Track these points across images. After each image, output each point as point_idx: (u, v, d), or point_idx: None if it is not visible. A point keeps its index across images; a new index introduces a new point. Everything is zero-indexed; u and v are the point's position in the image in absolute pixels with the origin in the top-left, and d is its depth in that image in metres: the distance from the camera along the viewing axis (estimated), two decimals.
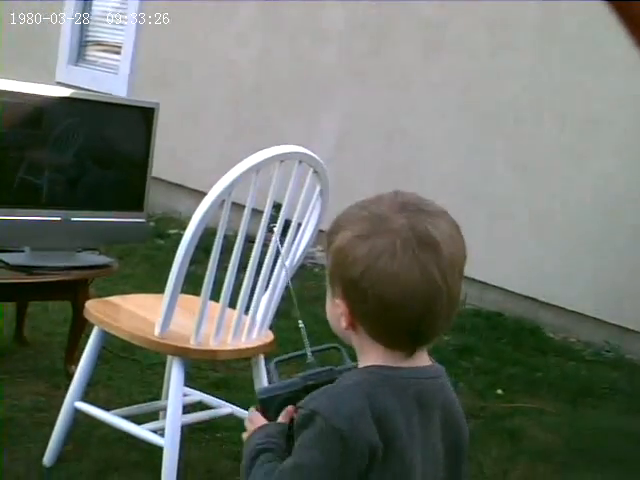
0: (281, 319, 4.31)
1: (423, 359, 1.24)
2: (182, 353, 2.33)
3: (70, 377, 3.26)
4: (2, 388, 3.07)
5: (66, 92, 3.08)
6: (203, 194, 2.40)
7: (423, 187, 5.57)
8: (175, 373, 2.31)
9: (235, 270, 2.43)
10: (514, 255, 5.23)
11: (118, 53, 7.72)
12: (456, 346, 4.39)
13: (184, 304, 2.46)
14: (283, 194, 2.50)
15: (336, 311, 1.24)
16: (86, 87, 7.80)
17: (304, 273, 5.60)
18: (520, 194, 5.23)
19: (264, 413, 1.28)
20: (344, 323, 1.22)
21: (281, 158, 2.38)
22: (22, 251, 3.04)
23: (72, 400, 2.54)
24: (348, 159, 6.12)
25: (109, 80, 7.71)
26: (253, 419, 1.29)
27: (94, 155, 3.14)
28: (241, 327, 2.51)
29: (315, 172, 2.49)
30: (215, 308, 2.38)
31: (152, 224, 6.33)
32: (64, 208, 3.05)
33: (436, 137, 5.66)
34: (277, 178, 2.40)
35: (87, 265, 3.12)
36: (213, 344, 2.38)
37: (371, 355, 1.22)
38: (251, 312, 2.55)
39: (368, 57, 6.02)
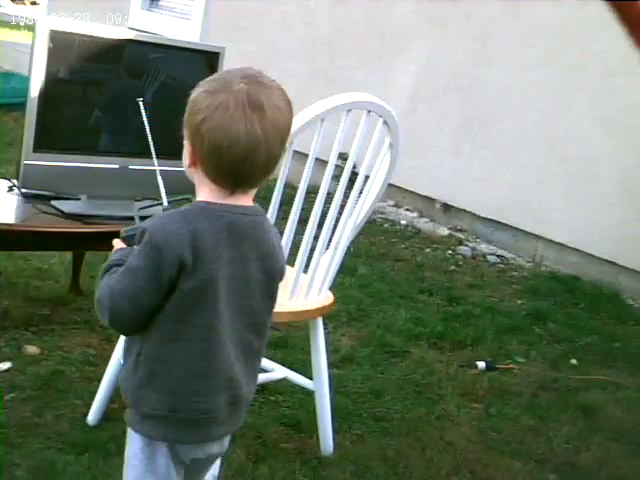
0: (346, 276, 4.18)
1: (244, 200, 1.50)
2: None
3: None
4: (54, 339, 2.99)
5: (129, 34, 2.92)
6: (300, 154, 2.26)
7: (502, 142, 5.38)
8: None
9: (295, 225, 2.27)
10: (595, 216, 4.95)
11: None
12: (529, 311, 4.18)
13: None
14: (350, 145, 2.31)
15: (185, 151, 1.50)
16: (157, 32, 7.72)
17: (373, 228, 5.42)
18: (606, 152, 4.93)
19: (126, 244, 1.56)
20: (188, 161, 1.49)
21: (348, 107, 2.20)
22: (78, 199, 2.92)
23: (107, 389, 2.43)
24: (424, 111, 5.88)
25: (182, 25, 7.57)
26: (116, 245, 1.59)
27: (155, 101, 2.98)
28: (299, 287, 2.34)
29: (385, 123, 2.30)
30: None
31: None
32: (121, 155, 2.91)
33: (517, 90, 5.38)
34: (344, 128, 2.21)
35: (145, 215, 2.98)
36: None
37: (202, 192, 1.49)
38: (310, 271, 2.39)
39: (447, 4, 5.74)
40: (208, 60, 3.11)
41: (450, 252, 5.17)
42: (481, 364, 3.38)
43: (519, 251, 5.29)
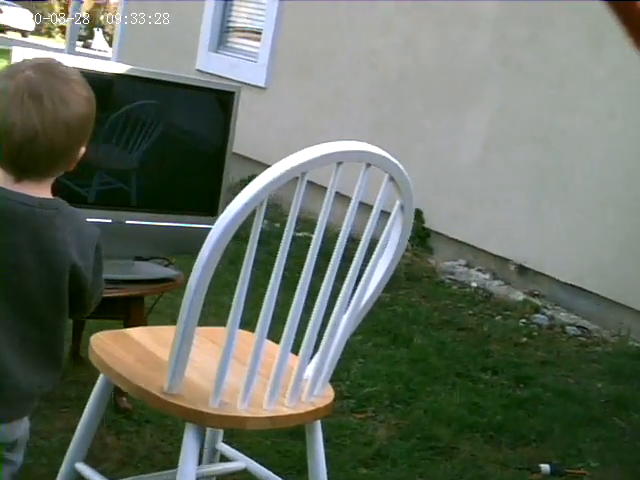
0: (398, 347, 3.66)
1: (37, 190, 1.47)
2: (195, 418, 1.67)
3: (122, 413, 2.73)
4: (34, 421, 2.54)
5: (123, 68, 2.50)
6: (339, 194, 1.79)
7: (584, 197, 4.75)
8: (187, 443, 1.67)
9: (271, 303, 1.77)
10: None
11: (259, 40, 7.23)
12: (609, 397, 3.57)
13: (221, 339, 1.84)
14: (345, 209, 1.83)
15: None
16: (225, 75, 7.40)
17: (439, 290, 4.90)
18: None
19: None
20: None
21: (338, 158, 1.69)
22: None
23: (72, 461, 1.98)
24: (497, 162, 5.36)
25: (248, 68, 7.24)
26: None
27: (157, 146, 2.56)
28: (284, 382, 1.82)
29: (392, 180, 1.80)
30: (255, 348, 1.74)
31: (276, 225, 5.77)
32: (116, 208, 2.49)
33: (600, 140, 4.81)
34: (334, 185, 1.72)
35: (143, 279, 2.55)
36: (241, 407, 1.71)
37: None
38: (298, 362, 1.84)
39: (524, 46, 5.22)
40: (221, 101, 2.67)
41: (524, 321, 4.59)
42: (545, 467, 2.80)
43: (603, 322, 4.68)
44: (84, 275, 1.52)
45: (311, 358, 1.87)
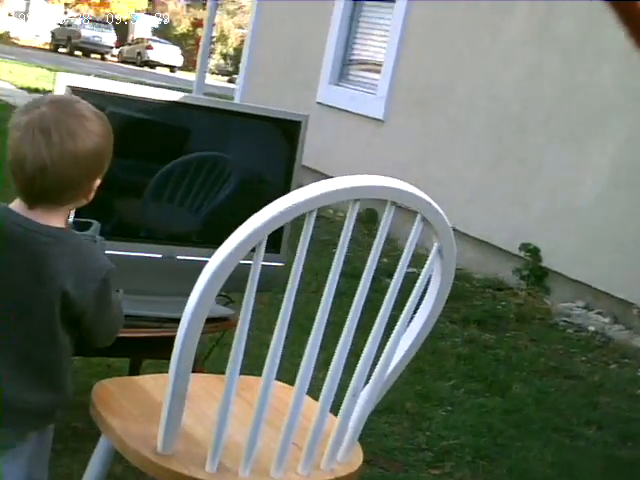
0: (493, 395, 3.40)
1: (48, 219, 1.57)
2: None
3: None
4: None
5: (181, 97, 2.39)
6: (455, 231, 1.62)
7: None
8: None
9: (277, 351, 1.58)
10: None
11: (379, 72, 7.10)
12: None
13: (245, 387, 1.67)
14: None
15: None
16: (344, 107, 7.32)
17: (552, 334, 4.58)
18: None
19: None
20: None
21: (354, 194, 1.50)
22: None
23: None
24: (623, 199, 5.00)
25: (368, 100, 7.12)
26: None
27: (215, 176, 2.43)
28: (299, 444, 1.62)
29: (424, 220, 1.58)
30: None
31: (385, 260, 5.57)
32: (167, 243, 2.38)
33: None
34: (349, 226, 1.52)
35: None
36: (242, 474, 1.51)
37: (15, 202, 1.59)
38: (317, 420, 1.63)
39: None
40: (286, 131, 2.52)
41: None
42: None
43: None
44: (77, 303, 1.55)
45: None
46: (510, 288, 5.31)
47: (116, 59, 33.88)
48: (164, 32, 38.81)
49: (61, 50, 32.46)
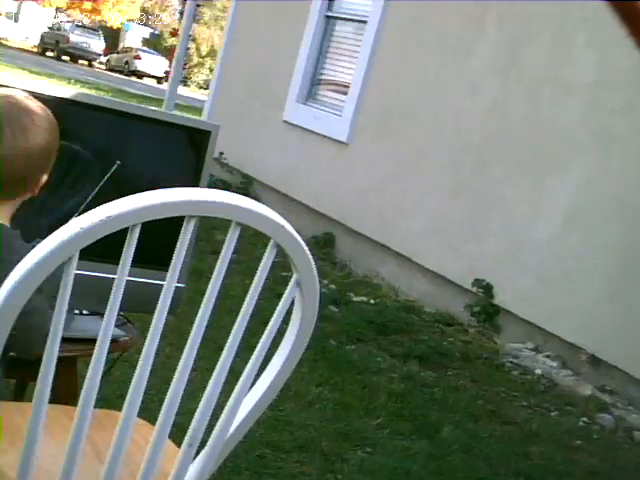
0: (419, 438, 3.20)
1: None
2: None
3: None
4: None
5: (86, 98, 2.19)
6: (406, 260, 1.40)
7: None
8: None
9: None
10: None
11: (346, 94, 6.94)
12: None
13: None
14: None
15: None
16: (308, 127, 7.16)
17: (496, 376, 4.40)
18: None
19: None
20: None
21: (191, 210, 1.28)
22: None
23: None
24: (578, 240, 4.84)
25: (332, 121, 6.96)
26: None
27: (117, 189, 2.23)
28: None
29: (277, 247, 1.35)
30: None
31: (332, 287, 5.41)
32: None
33: None
34: (183, 244, 1.31)
35: (77, 337, 2.21)
36: None
37: None
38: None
39: (618, 116, 4.73)
40: (194, 141, 2.33)
41: (585, 420, 4.05)
42: None
43: None
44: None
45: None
46: (460, 324, 5.13)
47: (103, 67, 33.69)
48: (154, 43, 38.65)
49: (49, 54, 32.23)
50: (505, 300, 5.11)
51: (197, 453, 1.44)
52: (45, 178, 1.66)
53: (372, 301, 5.34)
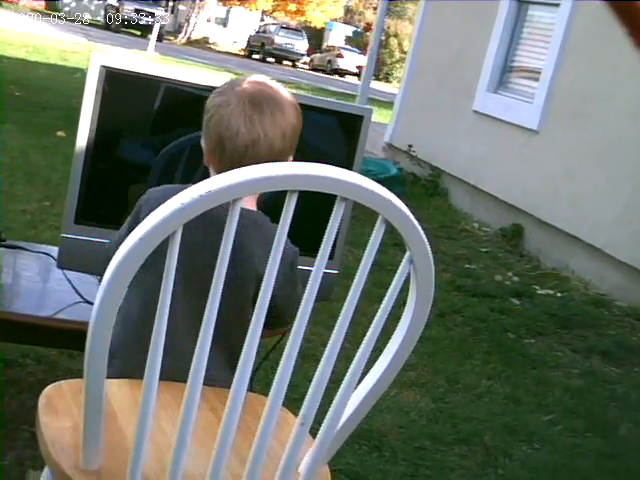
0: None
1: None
2: None
3: None
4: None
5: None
6: (598, 251, 1.39)
7: None
8: None
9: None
10: None
11: (537, 80, 6.71)
12: None
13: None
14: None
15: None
16: (499, 117, 6.99)
17: None
18: None
19: None
20: (205, 158, 1.68)
21: (291, 184, 1.22)
22: None
23: None
24: None
25: (523, 109, 6.74)
26: None
27: None
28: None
29: (386, 223, 1.29)
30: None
31: (515, 279, 5.24)
32: None
33: None
34: (285, 222, 1.26)
35: None
36: None
37: None
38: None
39: None
40: (346, 125, 2.31)
41: None
42: None
43: None
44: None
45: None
46: None
47: (307, 67, 34.45)
48: (356, 41, 39.11)
49: (254, 56, 33.35)
50: None
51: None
52: (291, 160, 1.66)
53: (558, 294, 5.12)
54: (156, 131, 2.23)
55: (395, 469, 2.59)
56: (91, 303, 2.17)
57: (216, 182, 1.18)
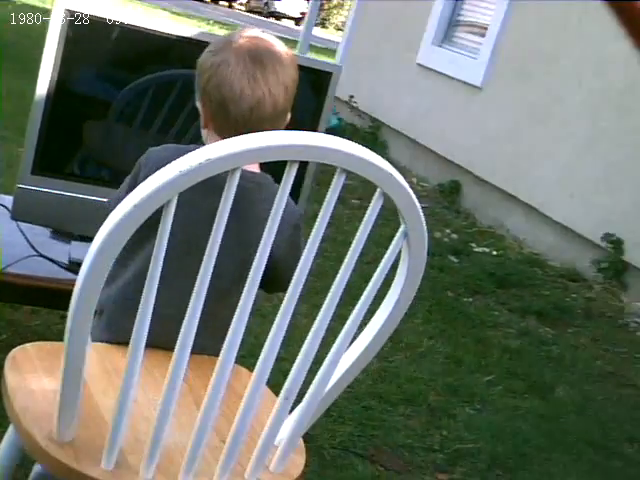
0: (532, 396, 3.12)
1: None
2: None
3: None
4: None
5: (195, 33, 2.17)
6: (534, 211, 1.36)
7: None
8: None
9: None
10: None
11: (484, 36, 6.71)
12: None
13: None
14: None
15: (200, 114, 1.61)
16: (443, 71, 6.98)
17: (618, 334, 4.22)
18: None
19: None
20: (202, 122, 1.61)
21: (292, 155, 1.19)
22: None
23: None
24: None
25: (467, 64, 6.75)
26: None
27: None
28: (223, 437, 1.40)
29: (384, 196, 1.30)
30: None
31: (454, 236, 5.30)
32: None
33: None
34: (285, 191, 1.24)
35: None
36: (145, 475, 1.28)
37: None
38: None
39: None
40: (315, 81, 2.27)
41: None
42: None
43: None
44: (273, 250, 1.27)
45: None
46: (585, 280, 4.95)
47: (243, 8, 33.83)
48: None
49: None
50: (635, 257, 4.88)
51: (295, 406, 1.41)
52: (289, 117, 1.62)
53: (494, 253, 5.20)
54: (119, 79, 2.17)
55: (343, 429, 2.62)
56: (45, 257, 2.12)
57: (215, 150, 1.15)
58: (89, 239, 1.83)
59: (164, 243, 1.18)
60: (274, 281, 1.50)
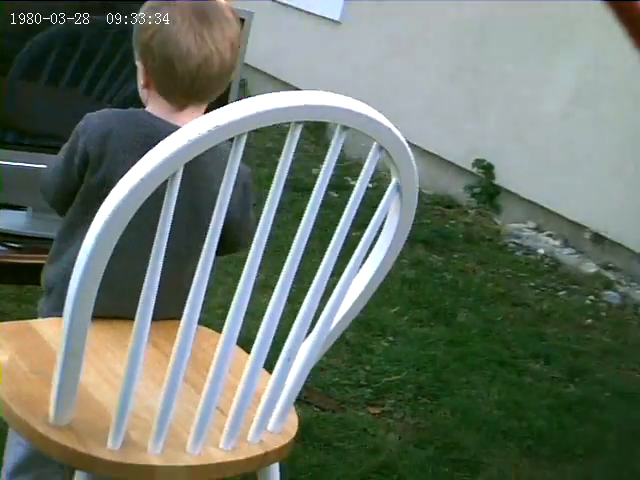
0: (437, 324, 3.24)
1: (192, 117, 1.43)
2: (82, 465, 1.24)
3: None
4: None
5: None
6: (409, 143, 1.36)
7: None
8: None
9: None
10: None
11: None
12: None
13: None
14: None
15: (138, 72, 1.56)
16: (298, 6, 6.94)
17: (500, 256, 4.41)
18: None
19: None
20: (142, 81, 1.56)
21: (296, 116, 1.21)
22: (25, 209, 2.14)
23: None
24: (584, 118, 4.78)
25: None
26: None
27: (122, 56, 2.10)
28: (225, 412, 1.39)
29: (382, 150, 1.33)
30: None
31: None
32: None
33: None
34: (290, 150, 1.25)
35: None
36: (152, 451, 1.26)
37: (152, 107, 1.55)
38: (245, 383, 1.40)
39: None
40: None
41: (592, 298, 4.09)
42: None
43: None
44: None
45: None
46: (460, 206, 5.12)
47: None
48: None
49: None
50: (506, 180, 5.08)
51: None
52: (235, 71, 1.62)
53: (370, 185, 5.28)
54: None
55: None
56: None
57: (224, 116, 1.13)
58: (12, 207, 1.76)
59: (170, 216, 1.15)
60: (226, 243, 1.46)
